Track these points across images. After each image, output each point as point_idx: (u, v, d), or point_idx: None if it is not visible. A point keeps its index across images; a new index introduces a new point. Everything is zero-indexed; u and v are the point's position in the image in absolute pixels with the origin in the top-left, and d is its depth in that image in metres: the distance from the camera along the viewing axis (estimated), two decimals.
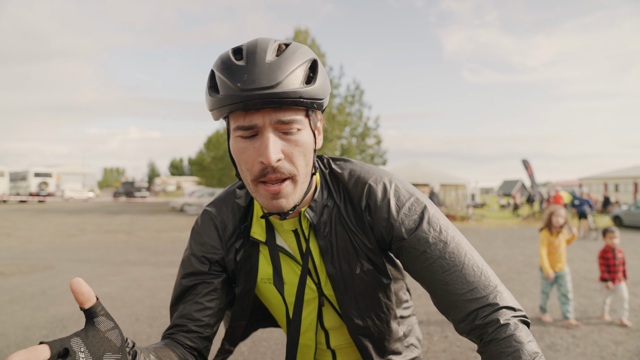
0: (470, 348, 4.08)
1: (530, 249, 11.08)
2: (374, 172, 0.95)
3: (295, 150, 0.81)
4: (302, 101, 0.78)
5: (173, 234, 13.98)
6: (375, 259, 0.94)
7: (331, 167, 0.99)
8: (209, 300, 0.96)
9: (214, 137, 45.72)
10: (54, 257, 9.01)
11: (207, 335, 0.95)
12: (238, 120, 0.79)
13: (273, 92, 0.74)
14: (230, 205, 1.02)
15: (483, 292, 0.80)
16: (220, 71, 0.78)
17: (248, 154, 0.81)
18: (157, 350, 0.80)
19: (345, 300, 0.96)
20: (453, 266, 0.83)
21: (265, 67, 0.75)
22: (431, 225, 0.87)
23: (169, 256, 9.41)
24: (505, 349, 0.73)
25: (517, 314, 0.79)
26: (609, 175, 49.17)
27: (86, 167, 75.53)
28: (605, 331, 4.56)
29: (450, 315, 0.84)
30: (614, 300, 5.15)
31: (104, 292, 6.07)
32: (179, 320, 0.94)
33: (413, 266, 0.87)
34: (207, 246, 1.00)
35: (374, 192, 0.91)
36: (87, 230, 15.00)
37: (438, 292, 0.84)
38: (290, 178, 0.82)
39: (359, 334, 0.99)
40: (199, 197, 26.60)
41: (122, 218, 20.51)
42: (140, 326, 4.63)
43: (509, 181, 72.72)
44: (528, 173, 25.11)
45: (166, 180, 77.80)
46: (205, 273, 0.98)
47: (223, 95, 0.77)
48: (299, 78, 0.78)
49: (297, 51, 0.80)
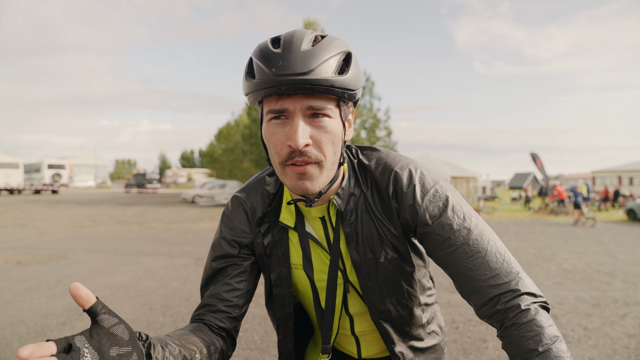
0: (480, 339, 4.09)
1: (541, 241, 11.00)
2: (400, 159, 0.97)
3: (324, 137, 0.83)
4: (334, 90, 0.79)
5: (185, 225, 14.12)
6: (399, 247, 0.96)
7: (359, 156, 1.01)
8: (238, 282, 0.99)
9: (225, 129, 45.84)
10: (69, 247, 9.17)
11: (235, 315, 0.97)
12: (270, 105, 0.82)
13: (305, 78, 0.76)
14: (260, 192, 1.04)
15: (505, 279, 0.82)
16: (257, 58, 0.81)
17: (278, 137, 0.83)
18: (181, 337, 0.82)
19: (369, 287, 0.98)
20: (476, 252, 0.85)
21: (300, 54, 0.78)
22: (455, 212, 0.89)
23: (180, 247, 9.52)
24: (526, 333, 0.75)
25: (537, 299, 0.81)
26: (623, 168, 48.40)
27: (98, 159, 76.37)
28: (617, 324, 4.54)
29: (472, 300, 0.86)
30: (627, 294, 5.11)
31: (117, 282, 6.18)
32: (208, 300, 0.97)
33: (437, 252, 0.89)
34: (236, 230, 1.02)
35: (400, 179, 0.93)
36: (100, 221, 15.21)
37: (461, 278, 0.86)
38: (317, 163, 0.84)
39: (380, 319, 1.01)
40: (210, 188, 26.78)
41: (134, 209, 20.75)
42: (153, 315, 4.72)
43: (521, 174, 71.93)
44: (537, 166, 24.87)
45: (177, 172, 78.39)
46: (235, 256, 1.00)
47: (258, 80, 0.80)
48: (332, 67, 0.80)
49: (333, 42, 0.83)
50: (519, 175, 72.33)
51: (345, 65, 0.83)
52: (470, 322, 4.57)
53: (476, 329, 4.35)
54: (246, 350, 3.82)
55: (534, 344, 0.74)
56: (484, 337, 4.15)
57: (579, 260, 8.28)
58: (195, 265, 7.40)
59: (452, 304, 5.18)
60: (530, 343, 0.74)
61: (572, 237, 12.07)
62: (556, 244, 10.71)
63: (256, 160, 26.07)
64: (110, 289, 5.76)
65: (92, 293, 0.62)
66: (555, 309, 5.05)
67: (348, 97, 0.84)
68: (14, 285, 5.86)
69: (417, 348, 1.06)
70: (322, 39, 0.83)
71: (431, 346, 1.10)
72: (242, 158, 34.96)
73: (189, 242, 10.33)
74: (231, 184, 26.85)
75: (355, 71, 0.84)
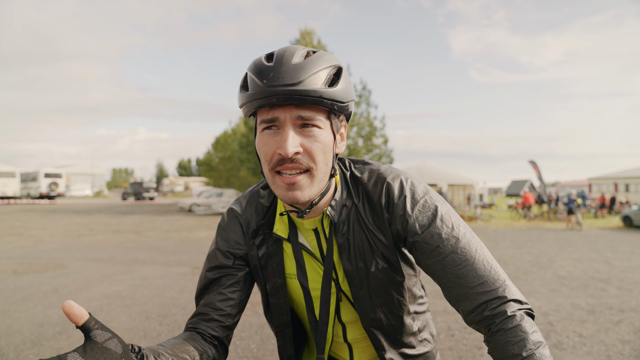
0: (476, 346, 4.11)
1: (537, 249, 11.04)
2: (391, 171, 1.01)
3: (315, 145, 0.86)
4: (323, 101, 0.83)
5: (182, 234, 14.11)
6: (390, 257, 0.99)
7: (351, 169, 1.05)
8: (232, 292, 1.02)
9: (222, 138, 45.91)
10: (65, 256, 9.15)
11: (228, 324, 1.00)
12: (263, 115, 0.86)
13: (295, 89, 0.80)
14: (254, 205, 1.08)
15: (492, 286, 0.85)
16: (251, 71, 0.86)
17: (268, 145, 0.87)
18: (174, 346, 0.85)
19: (360, 296, 1.01)
20: (464, 260, 0.88)
21: (291, 67, 0.82)
22: (444, 221, 0.92)
23: (177, 256, 9.51)
24: (511, 339, 0.79)
25: (523, 306, 0.84)
26: (619, 175, 48.63)
27: (95, 168, 76.22)
28: (612, 330, 4.56)
29: (460, 306, 0.89)
30: (622, 301, 5.14)
31: (114, 291, 6.17)
32: (202, 308, 1.00)
33: (426, 260, 0.92)
34: (231, 242, 1.06)
35: (392, 190, 0.96)
36: (96, 230, 15.18)
37: (449, 285, 0.89)
38: (308, 171, 0.87)
39: (372, 327, 1.04)
40: (207, 197, 26.74)
41: (131, 218, 20.71)
42: (150, 324, 4.71)
43: (518, 181, 72.16)
44: (536, 174, 24.96)
45: (174, 181, 78.21)
46: (229, 267, 1.04)
47: (251, 92, 0.84)
48: (322, 79, 0.83)
49: (323, 57, 0.87)
50: (515, 182, 72.53)
51: (335, 78, 0.87)
52: (466, 329, 4.59)
53: (472, 337, 4.37)
54: (243, 358, 3.83)
55: (519, 349, 0.77)
56: (479, 344, 4.16)
57: (575, 267, 8.32)
58: (192, 274, 7.39)
59: (448, 312, 5.20)
60: (515, 348, 0.77)
61: (568, 244, 12.11)
62: (552, 251, 10.74)
63: (253, 168, 26.11)
64: (107, 298, 5.75)
65: (85, 309, 0.64)
66: (550, 315, 5.07)
67: (338, 109, 0.87)
68: (10, 295, 5.85)
69: (408, 355, 1.09)
70: (313, 54, 0.87)
71: (422, 354, 1.13)
72: (239, 166, 35.00)
73: (186, 250, 10.32)
74: (228, 192, 26.83)
75: (346, 85, 0.88)
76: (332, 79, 0.86)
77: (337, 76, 0.87)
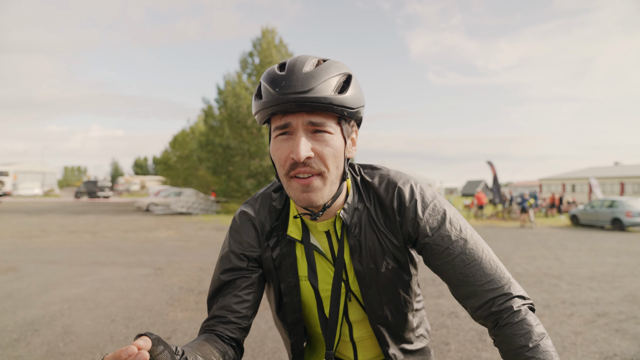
0: (443, 342, 4.26)
1: (494, 247, 11.50)
2: (400, 176, 1.06)
3: (326, 150, 0.90)
4: (333, 107, 0.87)
5: (141, 234, 13.73)
6: (400, 257, 1.04)
7: (361, 173, 1.10)
8: (247, 294, 1.04)
9: (180, 136, 44.87)
10: (17, 259, 8.70)
11: (245, 326, 1.03)
12: (276, 122, 0.91)
13: (305, 96, 0.84)
14: (267, 207, 1.10)
15: (499, 284, 0.93)
16: (265, 80, 0.91)
17: (282, 151, 0.91)
18: (200, 348, 0.87)
19: (370, 295, 1.06)
20: (472, 261, 0.94)
21: (302, 75, 0.86)
22: (452, 224, 0.99)
23: (138, 256, 9.27)
24: (518, 331, 0.86)
25: (526, 301, 0.93)
26: (567, 176, 51.31)
27: (45, 166, 72.65)
28: (565, 323, 4.86)
29: (468, 303, 0.95)
30: (574, 295, 5.46)
31: (74, 294, 5.95)
32: (218, 312, 1.01)
33: (436, 261, 0.98)
34: (245, 244, 1.08)
35: (403, 194, 1.02)
36: (50, 230, 14.51)
37: (458, 284, 0.95)
38: (320, 175, 0.91)
39: (378, 324, 1.09)
40: (165, 196, 26.11)
41: (86, 218, 19.91)
42: (116, 327, 4.59)
43: (473, 181, 74.67)
44: (493, 174, 25.92)
45: (130, 180, 75.70)
46: (244, 269, 1.06)
47: (265, 100, 0.88)
48: (332, 86, 0.87)
49: (333, 65, 0.91)
50: (471, 182, 75.00)
51: (345, 85, 0.91)
52: (433, 325, 4.74)
53: (438, 333, 4.53)
54: None
55: (525, 340, 0.85)
56: (446, 340, 4.33)
57: (529, 265, 8.75)
58: (155, 276, 7.23)
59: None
60: (522, 340, 0.85)
61: (522, 243, 12.70)
62: (508, 249, 11.24)
63: (213, 167, 25.69)
64: (67, 302, 5.54)
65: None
66: None
67: (348, 115, 0.91)
68: None
69: (408, 350, 1.16)
70: (323, 62, 0.92)
71: (420, 349, 1.20)
72: (197, 165, 34.36)
73: (147, 251, 10.07)
74: (187, 191, 26.30)
75: (355, 91, 0.92)
76: (342, 86, 0.90)
77: (347, 83, 0.91)
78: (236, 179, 24.85)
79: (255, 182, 24.39)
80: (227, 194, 26.99)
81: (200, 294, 6.01)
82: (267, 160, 23.81)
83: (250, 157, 24.32)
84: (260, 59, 25.35)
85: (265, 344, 4.16)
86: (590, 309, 5.41)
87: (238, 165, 24.41)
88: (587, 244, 12.64)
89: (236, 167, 24.55)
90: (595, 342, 4.26)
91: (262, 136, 23.66)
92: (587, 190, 44.99)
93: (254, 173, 24.18)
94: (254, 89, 24.96)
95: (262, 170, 23.96)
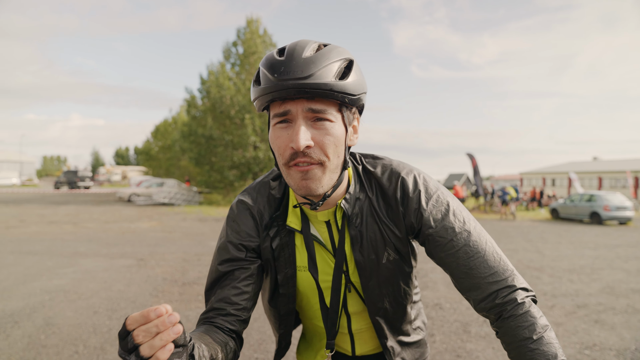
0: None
1: None
2: (403, 166, 1.04)
3: (326, 138, 0.86)
4: (333, 93, 0.83)
5: (122, 225, 13.53)
6: (401, 248, 1.02)
7: (363, 163, 1.07)
8: (246, 285, 1.01)
9: (162, 126, 44.35)
10: None
11: (244, 318, 1.00)
12: (275, 109, 0.87)
13: (305, 82, 0.80)
14: (266, 196, 1.07)
15: (502, 276, 0.91)
16: (263, 66, 0.87)
17: (281, 139, 0.87)
18: (202, 337, 0.84)
19: (370, 286, 1.04)
20: (476, 253, 0.93)
21: (301, 61, 0.82)
22: (456, 216, 0.97)
23: (120, 247, 9.13)
24: (522, 323, 0.86)
25: (529, 293, 0.92)
26: (547, 170, 52.22)
27: (23, 155, 71.02)
28: (547, 314, 4.94)
29: (471, 295, 0.94)
30: (554, 287, 5.57)
31: (56, 285, 5.83)
32: (217, 304, 0.98)
33: (439, 253, 0.96)
34: (243, 234, 1.04)
35: (407, 184, 0.99)
36: (29, 221, 14.18)
37: (461, 276, 0.94)
38: (320, 164, 0.88)
39: (378, 316, 1.08)
40: (147, 187, 25.77)
41: (66, 209, 19.53)
42: (99, 318, 4.51)
43: (454, 174, 75.25)
44: (473, 166, 26.17)
45: (111, 170, 74.39)
46: (242, 259, 1.02)
47: (263, 86, 0.85)
48: (332, 72, 0.83)
49: (334, 50, 0.87)
50: (452, 175, 75.59)
51: (347, 71, 0.87)
52: None
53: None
54: None
55: (529, 332, 0.84)
56: (431, 331, 4.37)
57: (511, 257, 8.87)
58: (137, 267, 7.14)
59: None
60: (526, 332, 0.84)
61: (504, 236, 12.89)
62: None
63: (195, 158, 25.43)
64: (48, 293, 5.43)
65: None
66: None
67: (349, 102, 0.87)
68: None
69: (405, 343, 1.15)
70: (324, 47, 0.88)
71: (416, 341, 1.19)
72: (180, 156, 34.00)
73: (129, 242, 9.93)
74: (170, 182, 26.01)
75: (357, 77, 0.88)
76: (343, 71, 0.86)
77: (348, 69, 0.87)
78: (219, 170, 24.65)
79: (238, 173, 24.23)
80: (210, 185, 26.74)
81: (184, 285, 5.96)
82: (250, 151, 23.66)
83: (233, 148, 24.12)
84: (244, 49, 25.08)
85: (250, 336, 4.15)
86: (570, 301, 5.52)
87: (221, 156, 24.19)
88: (567, 237, 12.90)
89: (219, 158, 24.34)
90: (576, 333, 4.35)
91: (245, 127, 23.45)
92: (567, 185, 45.92)
93: (236, 164, 24.01)
94: (237, 80, 25.22)
95: (245, 161, 23.80)
